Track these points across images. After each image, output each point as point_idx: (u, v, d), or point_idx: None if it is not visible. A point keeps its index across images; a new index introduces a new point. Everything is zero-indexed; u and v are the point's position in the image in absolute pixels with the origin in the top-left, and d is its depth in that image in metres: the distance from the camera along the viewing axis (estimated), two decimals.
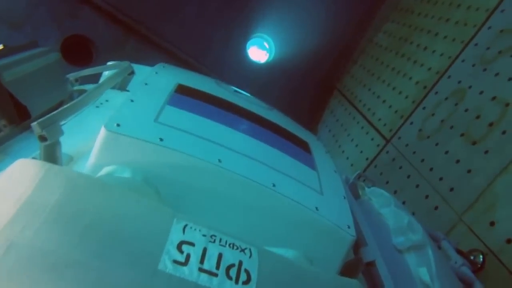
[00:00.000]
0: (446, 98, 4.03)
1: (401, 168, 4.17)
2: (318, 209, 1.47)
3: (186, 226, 1.06)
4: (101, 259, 0.91)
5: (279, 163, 1.64)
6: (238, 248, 1.08)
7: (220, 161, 1.42)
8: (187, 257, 0.99)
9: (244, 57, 6.20)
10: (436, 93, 4.25)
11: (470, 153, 3.41)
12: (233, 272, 1.01)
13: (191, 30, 5.89)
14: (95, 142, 1.34)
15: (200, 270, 0.98)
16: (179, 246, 1.00)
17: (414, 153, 4.08)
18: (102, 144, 1.33)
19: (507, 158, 3.05)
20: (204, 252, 1.02)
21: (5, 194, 0.98)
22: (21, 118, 1.88)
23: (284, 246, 1.36)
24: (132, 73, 2.16)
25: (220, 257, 1.03)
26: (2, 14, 5.35)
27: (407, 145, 4.26)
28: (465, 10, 4.34)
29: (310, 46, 6.11)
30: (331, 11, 6.08)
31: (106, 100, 1.95)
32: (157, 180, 1.32)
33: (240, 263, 1.04)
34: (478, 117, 3.52)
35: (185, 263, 0.97)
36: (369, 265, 1.61)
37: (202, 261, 0.99)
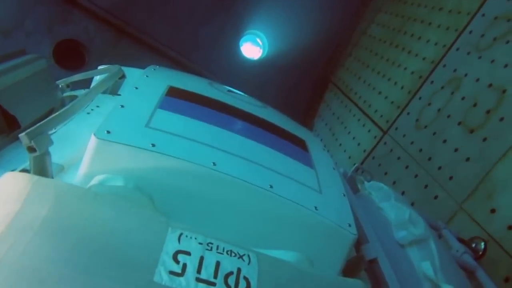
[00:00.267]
0: (442, 87, 4.02)
1: (399, 158, 4.15)
2: (317, 208, 1.44)
3: (181, 234, 1.04)
4: (92, 274, 0.89)
5: (276, 163, 1.61)
6: (236, 255, 1.06)
7: (214, 164, 1.39)
8: (184, 267, 0.96)
9: (237, 54, 6.16)
10: (431, 82, 4.24)
11: (468, 141, 3.40)
12: (231, 280, 0.99)
13: (183, 29, 5.86)
14: (86, 151, 1.31)
15: (197, 280, 0.95)
16: (175, 256, 0.98)
17: (412, 143, 4.06)
18: (92, 152, 1.30)
19: (506, 145, 3.04)
20: (201, 261, 0.99)
21: None
22: (10, 128, 1.84)
23: (284, 248, 1.34)
24: (123, 76, 2.12)
25: (217, 265, 1.00)
26: None
27: (405, 135, 4.24)
28: None
29: (304, 41, 6.07)
30: (324, 4, 6.05)
31: (97, 105, 1.91)
32: (150, 186, 1.29)
33: (238, 271, 1.02)
34: (475, 105, 3.50)
35: (181, 274, 0.95)
36: (371, 262, 1.59)
37: (199, 270, 0.97)
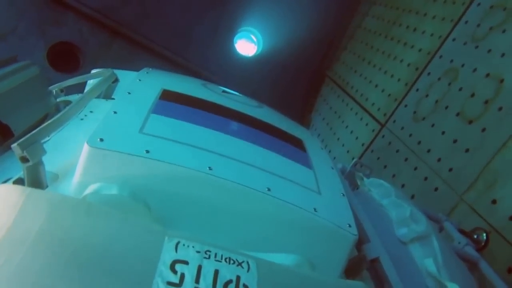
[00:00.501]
0: (439, 78, 4.00)
1: (398, 151, 4.14)
2: (316, 210, 1.42)
3: (178, 243, 1.02)
4: (88, 287, 0.87)
5: (273, 165, 1.58)
6: (235, 262, 1.04)
7: (210, 168, 1.36)
8: (181, 277, 0.94)
9: (232, 51, 6.13)
10: (428, 74, 4.22)
11: (467, 132, 3.38)
12: None
13: (176, 28, 5.83)
14: (79, 159, 1.29)
15: None
16: (172, 266, 0.96)
17: (410, 135, 4.05)
18: (85, 161, 1.27)
19: (506, 135, 3.02)
20: (199, 270, 0.97)
21: None
22: (4, 137, 1.81)
23: (285, 251, 1.32)
24: (116, 80, 2.09)
25: (216, 274, 0.98)
26: None
27: (403, 128, 4.23)
28: None
29: (298, 36, 6.04)
30: None
31: (91, 111, 1.88)
32: (146, 193, 1.26)
33: (238, 279, 1.00)
34: (473, 95, 3.48)
35: (179, 284, 0.93)
36: (373, 262, 1.57)
37: (197, 280, 0.95)
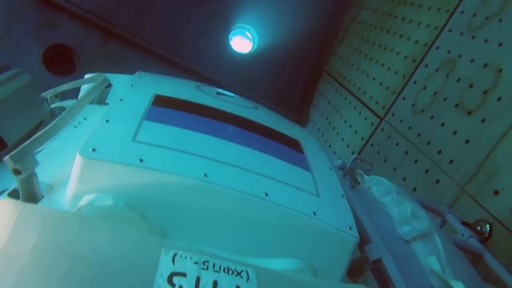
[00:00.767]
0: (437, 70, 3.98)
1: (398, 144, 4.12)
2: (315, 213, 1.39)
3: (175, 255, 1.00)
4: None
5: (270, 169, 1.55)
6: (233, 272, 1.02)
7: (206, 175, 1.33)
8: None
9: (227, 49, 6.10)
10: (426, 65, 4.19)
11: (467, 123, 3.37)
12: None
13: (170, 27, 5.80)
14: (72, 170, 1.26)
15: None
16: (170, 278, 0.94)
17: (410, 128, 4.03)
18: (79, 172, 1.25)
19: (506, 125, 3.01)
20: (197, 282, 0.95)
21: None
22: None
23: (285, 256, 1.30)
24: (109, 85, 2.06)
25: (215, 285, 0.96)
26: None
27: (402, 121, 4.21)
28: None
29: (294, 31, 6.01)
30: None
31: (84, 118, 1.85)
32: (142, 203, 1.24)
33: None
34: (471, 86, 3.46)
35: None
36: (376, 262, 1.55)
37: None
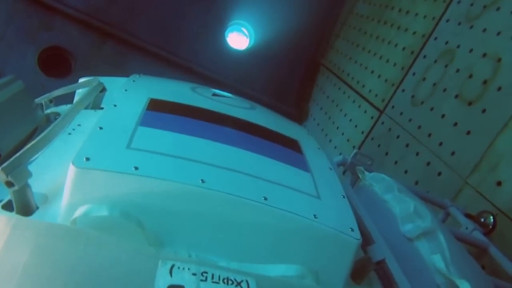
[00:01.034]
0: (436, 61, 3.95)
1: (398, 137, 4.10)
2: (316, 216, 1.37)
3: (173, 266, 0.98)
4: None
5: (269, 172, 1.53)
6: (233, 282, 1.00)
7: (203, 181, 1.30)
8: None
9: (224, 46, 6.07)
10: (424, 57, 4.16)
11: (467, 114, 3.34)
12: None
13: (166, 26, 5.76)
14: (66, 180, 1.23)
15: None
16: None
17: (410, 120, 4.01)
18: (72, 182, 1.22)
19: (507, 115, 2.98)
20: None
21: None
22: None
23: (287, 262, 1.28)
24: (103, 89, 2.02)
25: None
26: None
27: (402, 113, 4.18)
28: None
29: (290, 26, 5.98)
30: None
31: (78, 124, 1.80)
32: (138, 212, 1.21)
33: None
34: (471, 76, 3.43)
35: None
36: (379, 263, 1.52)
37: None
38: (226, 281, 1.00)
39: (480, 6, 3.59)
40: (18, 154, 1.24)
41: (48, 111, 2.32)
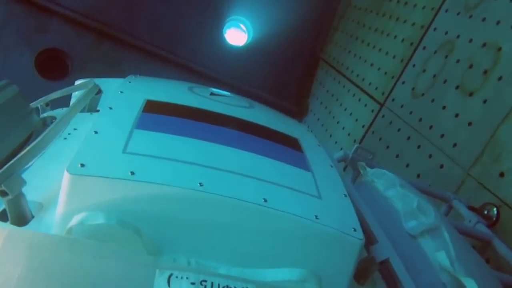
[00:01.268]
0: (435, 52, 3.90)
1: (399, 130, 4.06)
2: (318, 217, 1.34)
3: (171, 276, 0.96)
4: None
5: (269, 172, 1.49)
6: None
7: (201, 184, 1.27)
8: None
9: (222, 42, 6.02)
10: (424, 48, 4.12)
11: (469, 104, 3.30)
12: None
13: (163, 24, 5.73)
14: (61, 188, 1.20)
15: None
16: None
17: (411, 113, 3.97)
18: (67, 189, 1.19)
19: (508, 104, 2.94)
20: None
21: None
22: None
23: (289, 265, 1.24)
24: (99, 92, 1.99)
25: None
26: None
27: (402, 106, 4.15)
28: None
29: (288, 20, 5.93)
30: None
31: (74, 128, 1.77)
32: (135, 218, 1.18)
33: None
34: (471, 66, 3.39)
35: None
36: (383, 263, 1.50)
37: None
38: None
39: None
40: (11, 162, 1.22)
41: (44, 115, 2.30)
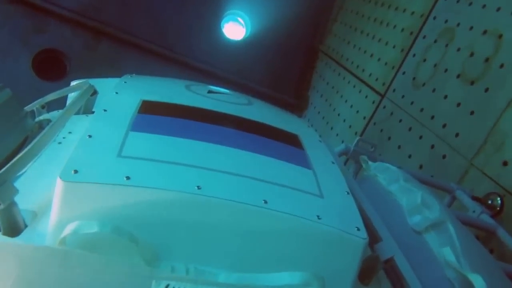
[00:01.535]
0: (435, 41, 3.86)
1: (401, 121, 4.02)
2: (320, 217, 1.29)
3: (167, 287, 0.93)
4: None
5: (269, 172, 1.45)
6: None
7: (199, 187, 1.23)
8: None
9: (220, 37, 5.98)
10: (424, 37, 4.07)
11: (470, 93, 3.26)
12: None
13: (160, 21, 5.68)
14: (54, 196, 1.16)
15: None
16: None
17: (412, 103, 3.93)
18: (61, 197, 1.15)
19: (510, 92, 2.90)
20: None
21: None
22: None
23: (290, 267, 1.21)
24: (95, 92, 1.94)
25: None
26: None
27: (403, 96, 4.10)
28: None
29: (286, 12, 5.88)
30: None
31: (69, 132, 1.71)
32: (131, 225, 1.15)
33: None
34: (472, 54, 3.35)
35: None
36: (388, 262, 1.46)
37: None
38: None
39: None
40: (2, 170, 1.18)
41: (40, 118, 2.26)
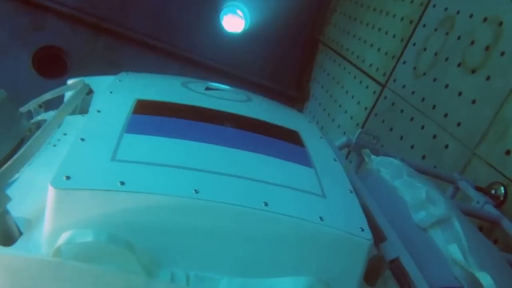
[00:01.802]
0: (436, 29, 3.82)
1: (402, 111, 4.00)
2: (322, 218, 1.25)
3: None
4: None
5: (269, 172, 1.41)
6: None
7: (197, 191, 1.19)
8: None
9: (220, 30, 5.93)
10: (424, 26, 4.03)
11: (471, 82, 3.24)
12: None
13: (159, 15, 5.63)
14: (46, 204, 1.11)
15: None
16: None
17: (413, 93, 3.90)
18: (53, 206, 1.10)
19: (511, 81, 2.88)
20: None
21: None
22: None
23: (293, 272, 1.19)
24: (90, 92, 1.90)
25: None
26: None
27: (404, 86, 4.08)
28: None
29: (285, 4, 5.83)
30: None
31: (64, 133, 1.67)
32: (127, 232, 1.11)
33: None
34: (473, 42, 3.32)
35: None
36: (393, 262, 1.42)
37: None
38: None
39: None
40: None
41: (38, 118, 2.23)
